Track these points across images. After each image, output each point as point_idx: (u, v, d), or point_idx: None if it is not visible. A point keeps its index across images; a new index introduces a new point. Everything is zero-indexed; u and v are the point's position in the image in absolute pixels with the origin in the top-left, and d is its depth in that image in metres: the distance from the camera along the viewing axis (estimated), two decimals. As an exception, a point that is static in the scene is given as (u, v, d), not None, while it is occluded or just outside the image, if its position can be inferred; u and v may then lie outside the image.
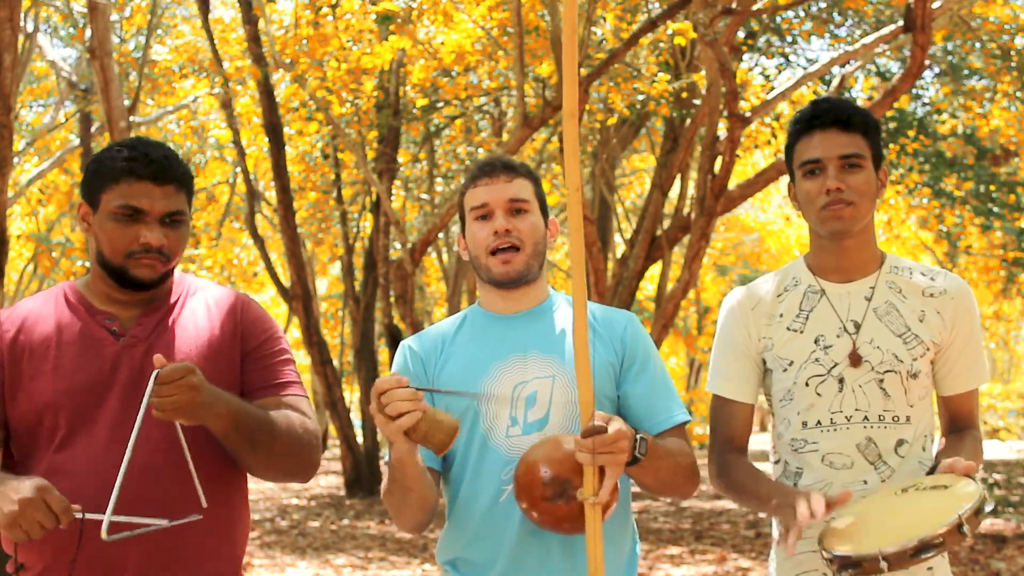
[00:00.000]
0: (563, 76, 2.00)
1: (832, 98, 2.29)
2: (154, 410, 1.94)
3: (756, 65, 13.19)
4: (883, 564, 1.89)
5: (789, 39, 12.87)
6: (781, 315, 2.33)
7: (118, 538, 1.94)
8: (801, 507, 2.01)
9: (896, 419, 2.24)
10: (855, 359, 2.24)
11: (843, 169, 2.23)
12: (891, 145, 12.05)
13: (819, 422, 2.25)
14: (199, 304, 2.25)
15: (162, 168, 2.14)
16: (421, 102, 11.63)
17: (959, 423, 2.35)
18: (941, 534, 1.88)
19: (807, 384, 2.26)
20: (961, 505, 1.91)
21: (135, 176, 2.12)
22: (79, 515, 1.92)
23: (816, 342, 2.27)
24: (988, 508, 1.94)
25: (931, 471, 2.17)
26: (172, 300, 2.24)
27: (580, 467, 1.95)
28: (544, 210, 2.29)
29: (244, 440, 2.09)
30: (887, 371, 2.24)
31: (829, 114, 2.25)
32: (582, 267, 2.01)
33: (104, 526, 1.91)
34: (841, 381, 2.24)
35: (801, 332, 2.29)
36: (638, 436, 2.01)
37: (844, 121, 2.24)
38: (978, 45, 11.69)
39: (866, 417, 2.23)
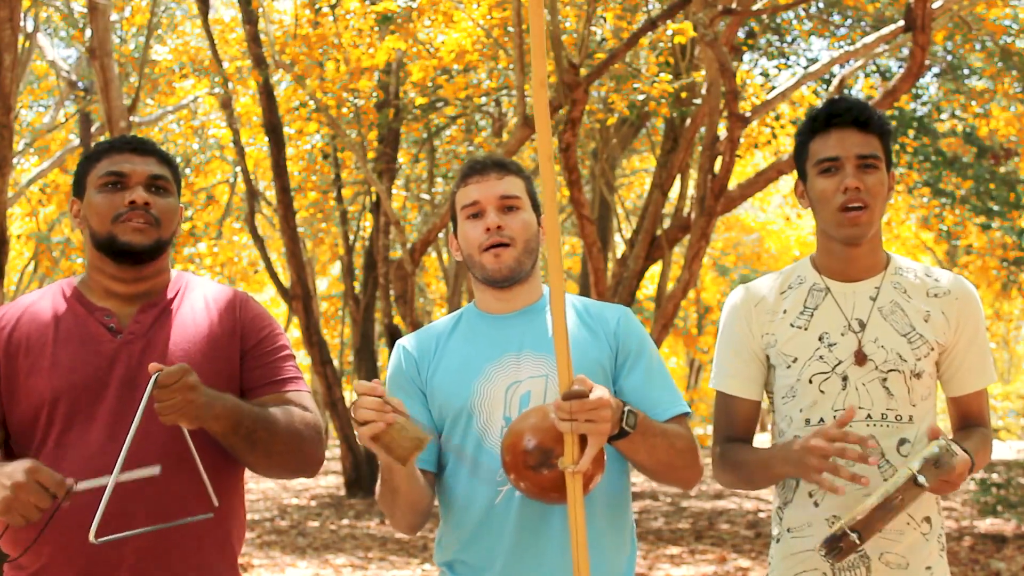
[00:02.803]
0: (532, 46, 1.98)
1: (849, 98, 2.29)
2: (161, 415, 1.95)
3: (756, 65, 13.18)
4: (853, 536, 1.97)
5: (789, 39, 12.87)
6: (785, 312, 2.32)
7: (108, 540, 1.93)
8: (822, 444, 2.04)
9: (899, 418, 2.23)
10: (860, 357, 2.23)
11: (860, 169, 2.22)
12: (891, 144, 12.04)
13: (822, 419, 2.25)
14: (197, 301, 2.25)
15: (141, 142, 2.23)
16: (420, 101, 11.62)
17: (969, 423, 2.35)
18: (898, 490, 1.97)
19: (810, 381, 2.26)
20: (916, 461, 1.99)
21: (116, 150, 2.21)
22: (73, 486, 1.92)
23: (820, 339, 2.27)
24: (952, 458, 2.01)
25: None
26: (169, 297, 2.24)
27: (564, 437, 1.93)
28: (536, 208, 2.28)
29: (243, 440, 2.09)
30: (891, 370, 2.23)
31: (848, 113, 2.24)
32: (556, 232, 1.98)
33: (92, 528, 1.90)
34: (845, 379, 2.24)
35: (805, 329, 2.29)
36: (626, 408, 1.99)
37: (863, 122, 2.23)
38: (978, 46, 11.69)
39: (869, 415, 2.23)
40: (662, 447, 2.08)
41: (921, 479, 1.96)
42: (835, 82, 10.22)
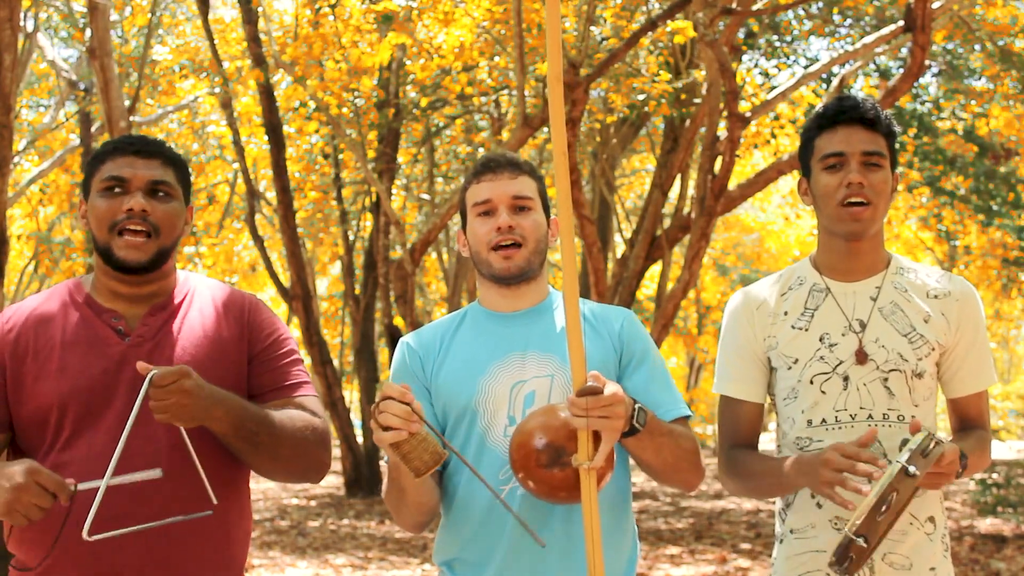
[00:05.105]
0: (548, 41, 1.99)
1: (856, 96, 2.30)
2: (155, 414, 1.95)
3: (756, 65, 13.18)
4: (860, 541, 1.94)
5: (789, 39, 12.87)
6: (786, 313, 2.33)
7: (100, 538, 1.92)
8: (836, 458, 2.03)
9: (901, 418, 2.23)
10: (861, 357, 2.23)
11: (864, 166, 2.23)
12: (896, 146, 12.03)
13: (824, 420, 2.25)
14: (206, 304, 2.24)
15: (146, 143, 2.19)
16: (424, 102, 11.61)
17: (968, 425, 2.34)
18: (892, 484, 1.95)
19: (812, 382, 2.26)
20: (903, 454, 1.98)
21: (119, 152, 2.18)
22: (73, 487, 1.92)
23: (821, 340, 2.27)
24: (937, 446, 1.99)
25: None
26: (178, 300, 2.23)
27: (575, 435, 1.93)
28: (546, 208, 2.28)
29: (245, 442, 2.09)
30: (892, 370, 2.23)
31: (856, 110, 2.25)
32: (571, 231, 1.98)
33: (86, 526, 1.90)
34: (846, 379, 2.24)
35: (806, 330, 2.29)
36: (636, 406, 2.00)
37: (870, 120, 2.24)
38: (978, 46, 11.68)
39: (870, 416, 2.23)
40: (669, 447, 2.09)
41: (912, 469, 1.95)
42: (835, 82, 10.22)
